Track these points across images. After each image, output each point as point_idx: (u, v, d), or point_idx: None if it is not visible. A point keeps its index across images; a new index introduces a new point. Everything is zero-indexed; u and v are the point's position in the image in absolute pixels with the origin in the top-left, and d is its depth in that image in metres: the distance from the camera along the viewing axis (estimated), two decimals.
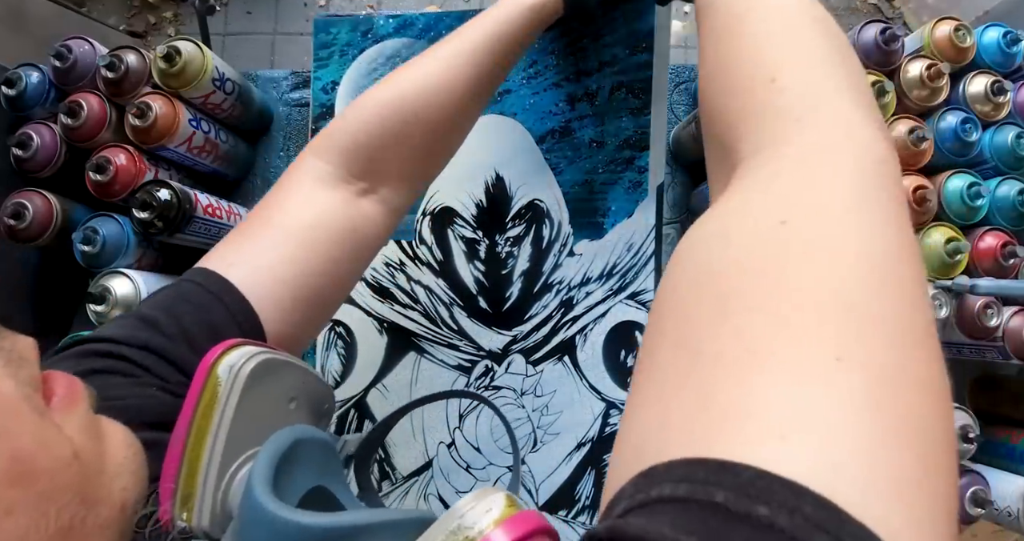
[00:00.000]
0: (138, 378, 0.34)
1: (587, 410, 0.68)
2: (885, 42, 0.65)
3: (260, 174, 0.80)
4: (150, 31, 1.76)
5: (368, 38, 0.72)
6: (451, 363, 0.69)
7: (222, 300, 0.38)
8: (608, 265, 0.69)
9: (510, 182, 0.71)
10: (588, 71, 0.70)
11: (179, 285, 0.39)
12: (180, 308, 0.37)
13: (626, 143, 0.69)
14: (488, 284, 0.70)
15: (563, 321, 0.69)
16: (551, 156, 0.70)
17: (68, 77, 0.65)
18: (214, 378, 0.27)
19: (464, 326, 0.70)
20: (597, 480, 0.67)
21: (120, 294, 0.60)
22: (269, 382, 0.29)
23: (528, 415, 0.69)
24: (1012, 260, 0.64)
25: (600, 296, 0.69)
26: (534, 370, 0.69)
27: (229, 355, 0.28)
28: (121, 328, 0.36)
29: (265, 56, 1.76)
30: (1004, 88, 0.66)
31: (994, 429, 0.70)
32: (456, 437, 0.69)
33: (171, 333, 0.36)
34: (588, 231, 0.70)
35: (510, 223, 0.70)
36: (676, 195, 0.81)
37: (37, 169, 0.65)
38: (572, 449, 0.68)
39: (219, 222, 0.67)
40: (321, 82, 0.72)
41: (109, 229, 0.62)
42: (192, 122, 0.66)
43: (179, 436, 0.26)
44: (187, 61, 0.63)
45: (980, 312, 0.61)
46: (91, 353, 0.34)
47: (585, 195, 0.70)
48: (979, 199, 0.64)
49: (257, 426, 0.28)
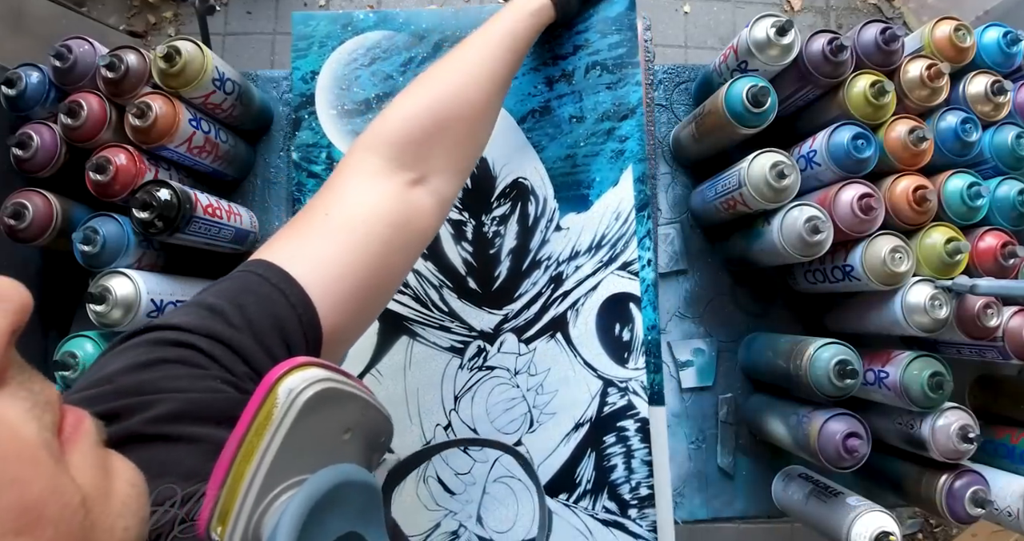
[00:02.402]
0: (205, 370, 0.34)
1: (583, 389, 0.68)
2: (885, 42, 0.65)
3: (260, 174, 0.80)
4: (150, 31, 1.76)
5: (348, 30, 0.73)
6: (443, 345, 0.69)
7: (284, 293, 0.39)
8: (597, 236, 0.69)
9: (493, 163, 0.71)
10: (563, 55, 0.71)
11: (242, 276, 0.40)
12: (244, 299, 0.38)
13: (605, 116, 0.70)
14: (476, 264, 0.70)
15: (553, 297, 0.69)
16: (533, 134, 0.71)
17: (68, 77, 0.65)
18: (272, 397, 0.27)
19: (455, 307, 0.70)
20: (598, 462, 0.67)
21: (120, 294, 0.60)
22: (326, 411, 0.28)
23: (523, 395, 0.68)
24: (1012, 260, 0.64)
25: (590, 269, 0.69)
26: (527, 348, 0.69)
27: (292, 376, 0.27)
28: (188, 316, 0.37)
29: (265, 56, 1.76)
30: (1004, 88, 0.66)
31: (994, 429, 0.70)
32: (452, 419, 0.69)
33: (237, 323, 0.37)
34: (574, 204, 0.70)
35: (495, 203, 0.71)
36: (676, 195, 0.81)
37: (37, 169, 0.65)
38: (570, 430, 0.68)
39: (219, 222, 0.67)
40: (300, 72, 0.72)
41: (109, 229, 0.62)
42: (192, 122, 0.66)
43: (231, 447, 0.26)
44: (187, 61, 0.63)
45: (980, 312, 0.61)
46: (162, 341, 0.35)
47: (568, 169, 0.71)
48: (979, 199, 0.64)
49: (306, 454, 0.27)
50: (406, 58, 0.72)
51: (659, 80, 0.82)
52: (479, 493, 0.67)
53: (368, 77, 0.72)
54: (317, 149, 0.71)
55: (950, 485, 0.62)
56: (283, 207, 0.79)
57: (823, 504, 0.66)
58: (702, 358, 0.77)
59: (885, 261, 0.61)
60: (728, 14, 1.83)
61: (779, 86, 0.68)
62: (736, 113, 0.65)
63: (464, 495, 0.67)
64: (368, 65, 0.72)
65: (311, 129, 0.71)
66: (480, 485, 0.67)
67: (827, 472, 0.67)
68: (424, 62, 0.72)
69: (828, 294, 0.74)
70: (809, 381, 0.63)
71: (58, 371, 0.60)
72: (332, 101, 0.72)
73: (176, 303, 0.64)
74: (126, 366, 0.33)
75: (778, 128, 0.69)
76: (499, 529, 0.67)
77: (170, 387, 0.32)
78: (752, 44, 0.66)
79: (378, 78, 0.72)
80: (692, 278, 0.79)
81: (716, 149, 0.74)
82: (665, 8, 1.82)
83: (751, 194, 0.64)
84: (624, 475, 0.67)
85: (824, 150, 0.64)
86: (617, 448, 0.67)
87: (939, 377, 0.60)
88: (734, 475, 0.76)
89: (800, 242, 0.63)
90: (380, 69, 0.72)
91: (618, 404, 0.67)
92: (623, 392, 0.68)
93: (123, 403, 0.31)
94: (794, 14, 1.85)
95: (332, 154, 0.71)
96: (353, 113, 0.71)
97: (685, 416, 0.77)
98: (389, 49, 0.73)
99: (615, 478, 0.67)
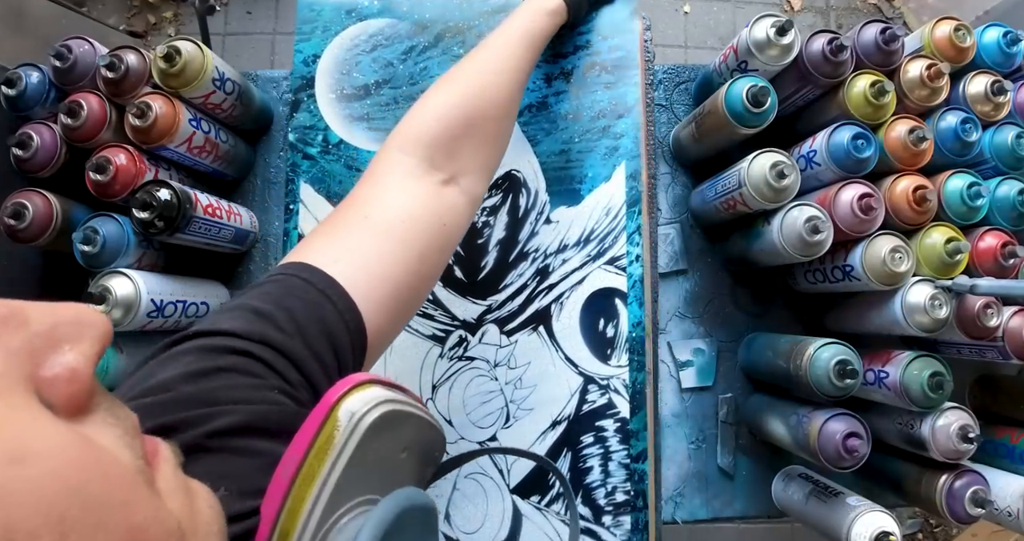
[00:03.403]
0: (262, 379, 0.34)
1: (563, 385, 0.66)
2: (885, 42, 0.65)
3: (260, 174, 0.80)
4: (150, 31, 1.76)
5: (352, 16, 0.73)
6: (425, 333, 0.68)
7: (330, 298, 0.39)
8: (586, 230, 0.69)
9: None
10: (564, 54, 0.72)
11: (285, 279, 0.39)
12: (291, 303, 0.37)
13: (601, 114, 0.71)
14: (463, 253, 0.70)
15: (538, 289, 0.69)
16: (528, 128, 0.71)
17: (68, 77, 0.65)
18: (333, 420, 0.26)
19: (439, 295, 0.69)
20: (574, 463, 0.65)
21: (120, 294, 0.60)
22: (387, 434, 0.28)
23: (501, 388, 0.67)
24: (1012, 260, 0.64)
25: (577, 263, 0.69)
26: (508, 340, 0.68)
27: (353, 398, 0.27)
28: (236, 320, 0.36)
29: (265, 56, 1.76)
30: (1004, 88, 0.66)
31: (994, 429, 0.70)
32: (429, 408, 0.68)
33: (287, 329, 0.36)
34: (565, 198, 0.70)
35: (487, 193, 0.70)
36: (676, 195, 0.81)
37: (37, 169, 0.65)
38: (547, 427, 0.66)
39: (219, 222, 0.67)
40: (302, 55, 0.72)
41: (109, 229, 0.62)
42: (192, 122, 0.66)
43: (289, 469, 0.26)
44: (187, 61, 0.63)
45: (980, 312, 0.61)
46: (215, 348, 0.34)
47: (562, 164, 0.71)
48: (979, 199, 0.64)
49: (366, 475, 0.27)
50: (408, 46, 0.72)
51: (659, 80, 0.82)
52: (449, 488, 0.66)
53: (369, 63, 0.72)
54: (314, 131, 0.70)
55: (950, 485, 0.62)
56: (283, 207, 0.79)
57: (823, 504, 0.66)
58: (702, 358, 0.77)
59: (885, 261, 0.61)
60: (728, 14, 1.83)
61: (779, 86, 0.68)
62: (736, 113, 0.65)
63: (432, 490, 0.65)
64: (370, 51, 0.72)
65: (309, 111, 0.71)
66: (451, 480, 0.66)
67: (827, 472, 0.67)
68: (425, 51, 0.72)
69: (828, 294, 0.74)
70: (809, 381, 0.63)
71: None
72: (332, 85, 0.71)
73: (176, 303, 0.64)
74: (182, 374, 0.32)
75: (778, 128, 0.69)
76: (467, 529, 0.64)
77: (230, 398, 0.32)
78: (752, 44, 0.66)
79: (379, 64, 0.72)
80: (692, 278, 0.79)
81: (716, 149, 0.74)
82: (665, 8, 1.82)
83: (751, 194, 0.64)
84: (600, 478, 0.64)
85: (824, 150, 0.64)
86: (594, 449, 0.65)
87: (939, 377, 0.60)
88: (734, 475, 0.76)
89: (800, 242, 0.63)
90: (381, 56, 0.72)
91: (598, 402, 0.66)
92: (604, 390, 0.66)
93: (183, 415, 0.30)
94: (794, 14, 1.85)
95: (328, 137, 0.70)
96: (351, 97, 0.71)
97: (685, 416, 0.77)
98: (391, 37, 0.73)
99: (590, 481, 0.64)
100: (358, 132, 0.70)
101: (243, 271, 0.78)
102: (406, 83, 0.71)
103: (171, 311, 0.64)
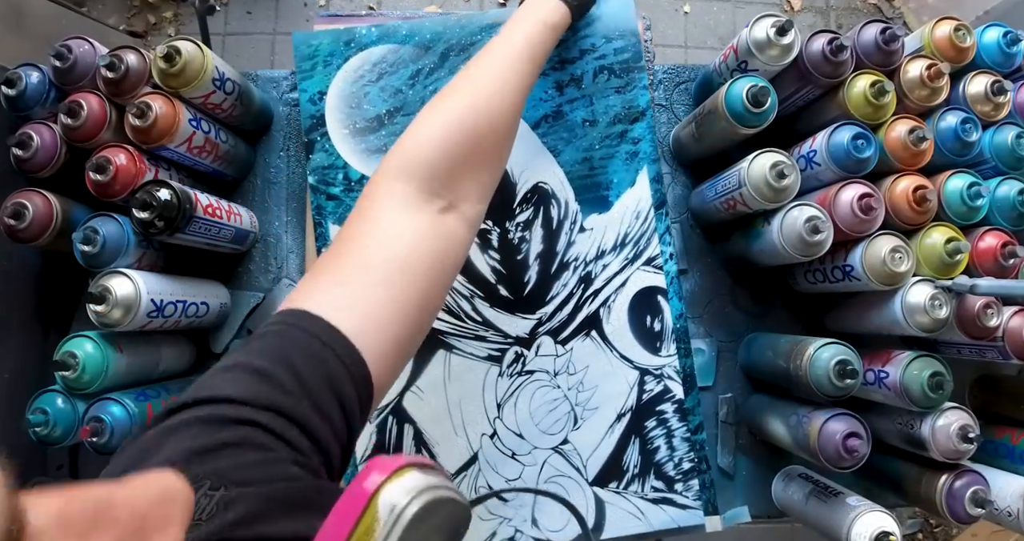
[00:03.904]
0: (272, 451, 0.32)
1: (622, 381, 0.70)
2: (885, 42, 0.65)
3: (260, 174, 0.80)
4: (150, 31, 1.76)
5: (351, 47, 0.72)
6: (481, 355, 0.70)
7: (334, 350, 0.37)
8: (620, 235, 0.71)
9: (512, 169, 0.72)
10: (571, 59, 0.72)
11: (284, 331, 0.37)
12: (292, 359, 0.36)
13: (616, 119, 0.72)
14: (505, 271, 0.71)
15: (585, 296, 0.71)
16: (548, 139, 0.72)
17: (68, 77, 0.65)
18: (373, 511, 0.26)
19: (488, 316, 0.70)
20: (642, 448, 0.69)
21: (120, 294, 0.59)
22: (425, 525, 0.28)
23: (565, 394, 0.70)
24: (1012, 260, 0.64)
25: (617, 266, 0.71)
26: (564, 349, 0.70)
27: (393, 487, 0.26)
28: (238, 383, 0.34)
29: (265, 56, 1.76)
30: (1004, 88, 0.66)
31: (994, 429, 0.70)
32: (497, 426, 0.69)
33: (292, 390, 0.34)
34: (595, 205, 0.71)
35: (518, 208, 0.71)
36: (676, 195, 0.81)
37: (37, 169, 0.65)
38: (613, 421, 0.70)
39: (219, 222, 0.67)
40: (308, 93, 0.71)
41: (109, 229, 0.62)
42: (192, 122, 0.66)
43: None
44: (187, 61, 0.63)
45: (980, 312, 0.61)
46: (217, 420, 0.32)
47: (586, 172, 0.72)
48: (979, 199, 0.64)
49: None
50: (414, 70, 0.72)
51: (659, 80, 0.82)
52: (531, 496, 0.68)
53: (377, 93, 0.72)
54: (333, 170, 0.70)
55: (950, 485, 0.62)
56: (283, 207, 0.79)
57: (823, 504, 0.66)
58: (702, 358, 0.77)
59: (885, 261, 0.61)
60: (728, 14, 1.83)
61: (779, 86, 0.68)
62: (736, 113, 0.65)
63: (517, 500, 0.68)
64: (376, 81, 0.72)
65: (325, 151, 0.70)
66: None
67: (827, 472, 0.67)
68: (432, 73, 0.72)
69: (828, 294, 0.74)
70: (809, 381, 0.63)
71: (58, 371, 0.60)
72: (343, 121, 0.71)
73: (176, 303, 0.64)
74: (184, 451, 0.30)
75: (778, 128, 0.69)
76: (554, 528, 0.68)
77: (243, 479, 0.30)
78: (752, 44, 0.66)
79: (387, 93, 0.72)
80: (692, 278, 0.79)
81: (716, 149, 0.74)
82: (665, 8, 1.82)
83: (751, 194, 0.64)
84: (667, 454, 0.70)
85: (824, 150, 0.64)
86: (658, 431, 0.70)
87: (939, 377, 0.60)
88: (734, 475, 0.76)
89: (800, 242, 0.63)
90: (389, 84, 0.72)
91: (655, 390, 0.71)
92: (659, 378, 0.71)
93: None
94: (794, 14, 1.85)
95: (349, 174, 0.70)
96: (366, 131, 0.71)
97: None
98: (396, 63, 0.72)
99: (659, 458, 0.70)
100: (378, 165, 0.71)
101: (243, 271, 0.78)
102: (419, 108, 0.71)
103: (171, 311, 0.64)
